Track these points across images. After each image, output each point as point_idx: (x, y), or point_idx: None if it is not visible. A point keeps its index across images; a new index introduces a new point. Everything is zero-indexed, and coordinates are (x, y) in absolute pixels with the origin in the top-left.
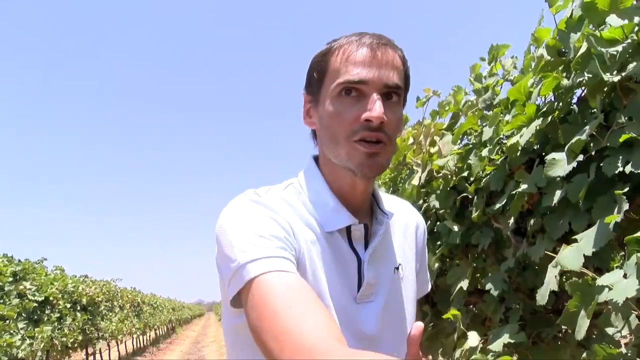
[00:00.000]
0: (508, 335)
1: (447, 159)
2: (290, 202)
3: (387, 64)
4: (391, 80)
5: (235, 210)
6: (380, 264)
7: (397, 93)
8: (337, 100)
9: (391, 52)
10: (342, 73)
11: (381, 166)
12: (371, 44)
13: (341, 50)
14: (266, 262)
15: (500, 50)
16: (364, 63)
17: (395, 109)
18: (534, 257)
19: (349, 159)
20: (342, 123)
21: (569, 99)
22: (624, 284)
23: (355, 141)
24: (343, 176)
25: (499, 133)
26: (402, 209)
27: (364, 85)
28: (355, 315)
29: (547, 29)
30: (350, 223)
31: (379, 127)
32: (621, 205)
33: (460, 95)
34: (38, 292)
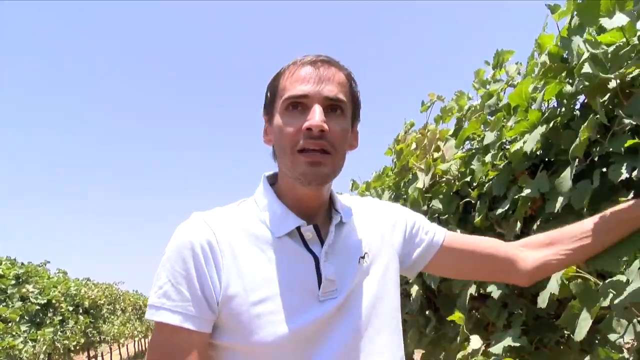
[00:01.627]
0: (510, 338)
1: (450, 163)
2: (239, 217)
3: (328, 79)
4: (332, 93)
5: (172, 251)
6: (341, 259)
7: (340, 107)
8: (284, 114)
9: (333, 69)
10: (288, 90)
11: (325, 175)
12: (313, 62)
13: (287, 71)
14: (166, 314)
15: (505, 56)
16: (306, 79)
17: (340, 121)
18: None
19: (294, 169)
20: (287, 135)
21: (571, 105)
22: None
23: (298, 151)
24: (295, 187)
25: (502, 138)
26: (369, 205)
27: (306, 98)
28: (316, 314)
29: (550, 35)
30: (297, 225)
31: (321, 136)
32: None
33: (463, 101)
34: (41, 295)
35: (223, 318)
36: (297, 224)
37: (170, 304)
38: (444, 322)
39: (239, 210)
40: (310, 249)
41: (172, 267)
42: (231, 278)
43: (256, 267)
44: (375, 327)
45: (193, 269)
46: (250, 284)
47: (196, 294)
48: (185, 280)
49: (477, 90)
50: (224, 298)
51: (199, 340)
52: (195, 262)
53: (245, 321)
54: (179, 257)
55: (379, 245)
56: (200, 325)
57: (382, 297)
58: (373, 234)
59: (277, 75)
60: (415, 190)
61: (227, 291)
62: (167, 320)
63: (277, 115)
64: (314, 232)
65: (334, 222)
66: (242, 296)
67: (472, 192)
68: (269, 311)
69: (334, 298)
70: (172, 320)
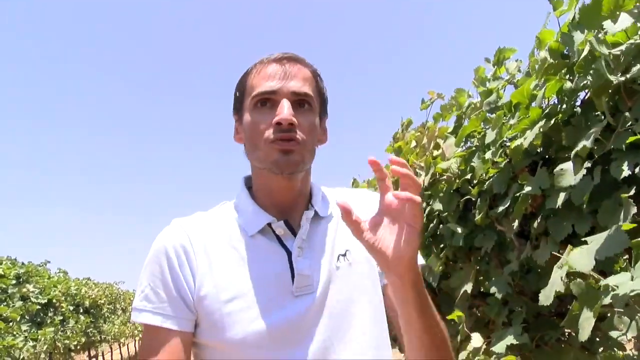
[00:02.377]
0: (512, 337)
1: (451, 161)
2: (216, 220)
3: (294, 75)
4: (298, 88)
5: (150, 256)
6: (317, 255)
7: (307, 101)
8: (254, 111)
9: (298, 65)
10: (256, 87)
11: (296, 163)
12: (278, 59)
13: (254, 69)
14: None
15: (506, 54)
16: (272, 76)
17: (307, 116)
18: (539, 261)
19: (267, 158)
20: (259, 130)
21: (572, 101)
22: (630, 285)
23: (271, 142)
24: (268, 179)
25: (502, 136)
26: (357, 198)
27: (274, 94)
28: (291, 309)
29: (550, 31)
30: (268, 221)
31: (290, 129)
32: (629, 209)
33: (462, 98)
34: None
35: (199, 317)
36: (267, 220)
37: (150, 306)
38: (444, 321)
39: (218, 213)
40: (284, 244)
41: (151, 272)
42: (204, 279)
43: (228, 266)
44: (357, 327)
45: (168, 272)
46: (222, 282)
47: (172, 295)
48: (162, 283)
49: (477, 87)
50: (197, 298)
51: (181, 339)
52: (170, 265)
53: (217, 319)
54: (156, 262)
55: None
56: (179, 324)
57: (364, 295)
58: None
59: (244, 74)
60: None
61: (200, 291)
62: (149, 321)
63: (247, 113)
64: (285, 227)
65: (307, 217)
66: (214, 295)
67: (473, 190)
68: (240, 309)
69: (309, 293)
70: (154, 321)
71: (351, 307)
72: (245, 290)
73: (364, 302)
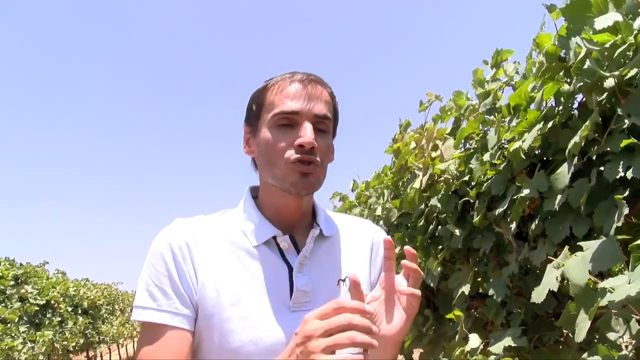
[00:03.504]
0: (510, 338)
1: (449, 163)
2: (219, 226)
3: (316, 97)
4: (320, 111)
5: (152, 253)
6: (318, 273)
7: (325, 124)
8: (274, 129)
9: (320, 87)
10: (277, 105)
11: (312, 185)
12: (302, 80)
13: (276, 86)
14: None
15: (504, 55)
16: (296, 96)
17: (325, 138)
18: (535, 262)
19: (285, 179)
20: (279, 149)
21: (569, 104)
22: (626, 288)
23: (291, 162)
24: (278, 196)
25: (501, 138)
26: (357, 227)
27: (296, 115)
28: (286, 323)
29: (548, 34)
30: (273, 234)
31: (311, 151)
32: (621, 210)
33: (461, 100)
34: (39, 295)
35: (197, 318)
36: (273, 233)
37: (155, 304)
38: (443, 321)
39: (221, 219)
40: (286, 258)
41: (155, 268)
42: (206, 279)
43: (231, 273)
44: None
45: (174, 268)
46: (223, 287)
47: (180, 292)
48: (168, 279)
49: (475, 89)
50: (199, 297)
51: (186, 338)
52: (175, 261)
53: (215, 323)
54: (160, 258)
55: (360, 274)
56: (188, 322)
57: None
58: (358, 260)
59: (263, 88)
60: (412, 189)
61: (202, 291)
62: (155, 320)
63: (265, 129)
64: (290, 242)
65: (312, 234)
66: (215, 298)
67: (471, 192)
68: (238, 316)
69: (306, 310)
70: (159, 319)
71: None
72: (244, 298)
73: None
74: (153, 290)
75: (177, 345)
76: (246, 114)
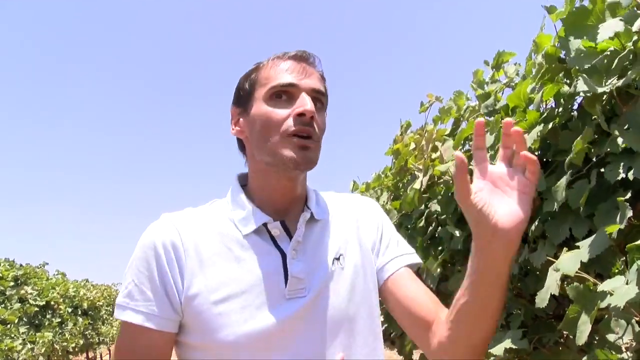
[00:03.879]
0: (510, 340)
1: (449, 164)
2: (208, 217)
3: (311, 73)
4: (317, 85)
5: (137, 251)
6: (312, 257)
7: (321, 100)
8: (269, 102)
9: (313, 65)
10: (273, 79)
11: (311, 161)
12: (297, 56)
13: (270, 62)
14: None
15: (505, 57)
16: (292, 70)
17: (321, 114)
18: (535, 263)
19: (282, 151)
20: (277, 120)
21: (569, 105)
22: (625, 289)
23: (289, 135)
24: (272, 178)
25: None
26: (347, 202)
27: (294, 88)
28: (281, 312)
29: (548, 35)
30: (264, 221)
31: (310, 123)
32: (624, 212)
33: (461, 101)
34: (39, 296)
35: (187, 317)
36: (263, 220)
37: (133, 303)
38: None
39: (210, 210)
40: (279, 245)
41: (137, 268)
42: (194, 278)
43: (221, 266)
44: (348, 332)
45: (156, 269)
46: (213, 282)
47: (159, 294)
48: (148, 280)
49: (475, 90)
50: (186, 298)
51: (162, 340)
52: (158, 262)
53: (207, 320)
54: (143, 257)
55: (357, 247)
56: (161, 324)
57: (356, 301)
58: (352, 235)
59: (254, 68)
60: (412, 190)
61: (189, 291)
62: (131, 320)
63: (259, 103)
64: (282, 228)
65: (303, 218)
66: (204, 295)
67: None
68: (231, 310)
69: (302, 297)
70: (135, 319)
71: (345, 311)
72: (237, 291)
73: (359, 308)
74: (133, 289)
75: (149, 348)
76: (235, 95)
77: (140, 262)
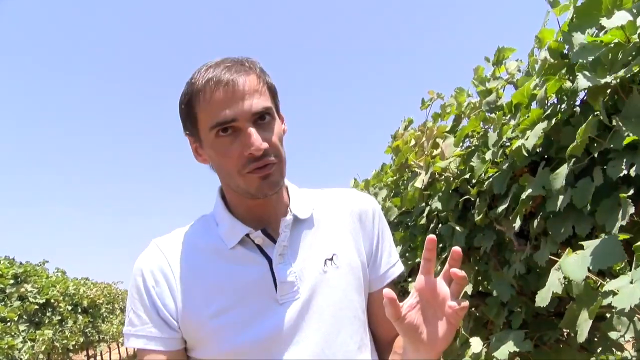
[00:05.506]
0: (513, 342)
1: (449, 161)
2: (195, 234)
3: (247, 93)
4: (257, 106)
5: (131, 279)
6: (302, 259)
7: (268, 113)
8: (217, 142)
9: (246, 78)
10: (211, 117)
11: (277, 183)
12: (225, 82)
13: (201, 96)
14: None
15: (506, 53)
16: (226, 101)
17: (271, 128)
18: (540, 262)
19: (247, 187)
20: (229, 161)
21: (572, 101)
22: (630, 289)
23: (247, 173)
24: (244, 199)
25: (503, 136)
26: (342, 198)
27: (235, 122)
28: (276, 317)
29: (550, 30)
30: (245, 232)
31: (264, 154)
32: (626, 209)
33: (462, 97)
34: (39, 294)
35: (186, 335)
36: (244, 232)
37: (134, 329)
38: None
39: (197, 227)
40: (266, 253)
41: (132, 296)
42: (186, 298)
43: (212, 281)
44: (346, 330)
45: (145, 295)
46: (206, 298)
47: (153, 317)
48: (142, 305)
49: (476, 87)
50: (182, 317)
51: (169, 358)
52: (146, 288)
53: (204, 336)
54: (134, 285)
55: (353, 245)
56: (164, 344)
57: (353, 299)
58: (347, 233)
59: (187, 100)
60: (413, 188)
61: (183, 310)
62: (135, 345)
63: (208, 136)
64: (264, 236)
65: (284, 223)
66: (198, 312)
67: (472, 190)
68: (226, 323)
69: (295, 299)
70: (138, 344)
71: (340, 310)
72: (230, 303)
73: (352, 306)
74: (132, 316)
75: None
76: (182, 122)
77: (134, 290)
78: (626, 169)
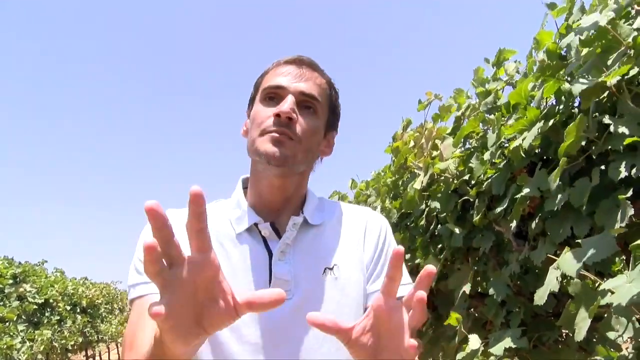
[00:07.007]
0: (510, 339)
1: (449, 162)
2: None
3: (307, 78)
4: (308, 89)
5: (140, 235)
6: (302, 262)
7: (314, 106)
8: (262, 103)
9: (316, 73)
10: (269, 81)
11: (285, 157)
12: (297, 61)
13: (271, 68)
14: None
15: (506, 55)
16: (288, 73)
17: (310, 117)
18: (536, 262)
19: (259, 147)
20: (259, 120)
21: (570, 102)
22: (627, 288)
23: (266, 132)
24: (261, 177)
25: (501, 137)
26: (357, 215)
27: (281, 89)
28: (265, 313)
29: (549, 32)
30: (255, 221)
31: (287, 124)
32: (626, 211)
33: (461, 98)
34: (38, 294)
35: None
36: (254, 220)
37: (142, 277)
38: (442, 321)
39: (211, 208)
40: (269, 246)
41: (140, 246)
42: None
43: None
44: (332, 345)
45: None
46: None
47: None
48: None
49: (475, 88)
50: None
51: None
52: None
53: None
54: (146, 235)
55: (357, 261)
56: None
57: (346, 312)
58: (353, 248)
59: (262, 73)
60: (412, 189)
61: None
62: (145, 292)
63: (256, 104)
64: (271, 229)
65: (293, 221)
66: None
67: (471, 191)
68: None
69: (288, 299)
70: (148, 289)
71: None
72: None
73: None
74: (138, 265)
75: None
76: (249, 101)
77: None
78: (626, 170)
